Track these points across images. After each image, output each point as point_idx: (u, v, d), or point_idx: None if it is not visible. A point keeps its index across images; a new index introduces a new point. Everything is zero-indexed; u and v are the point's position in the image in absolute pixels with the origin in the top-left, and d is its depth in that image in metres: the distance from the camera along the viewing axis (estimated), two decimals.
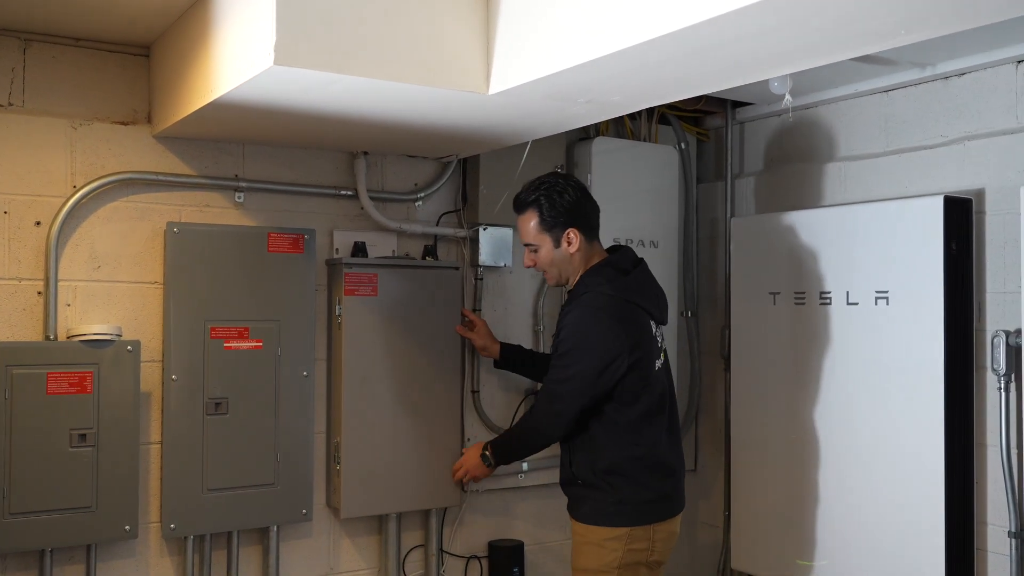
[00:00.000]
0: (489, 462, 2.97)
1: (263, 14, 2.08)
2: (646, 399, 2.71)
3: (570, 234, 2.75)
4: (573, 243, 2.76)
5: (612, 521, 2.69)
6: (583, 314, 2.68)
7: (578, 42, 2.04)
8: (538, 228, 2.77)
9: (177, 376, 2.86)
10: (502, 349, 3.24)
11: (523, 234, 2.82)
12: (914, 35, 1.87)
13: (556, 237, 2.76)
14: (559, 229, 2.76)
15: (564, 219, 2.75)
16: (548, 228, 2.76)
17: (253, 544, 3.06)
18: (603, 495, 2.70)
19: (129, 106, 2.89)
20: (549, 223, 2.76)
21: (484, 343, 3.25)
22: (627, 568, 2.69)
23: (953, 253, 2.90)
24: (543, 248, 2.78)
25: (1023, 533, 2.71)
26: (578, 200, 2.77)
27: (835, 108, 3.44)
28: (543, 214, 2.75)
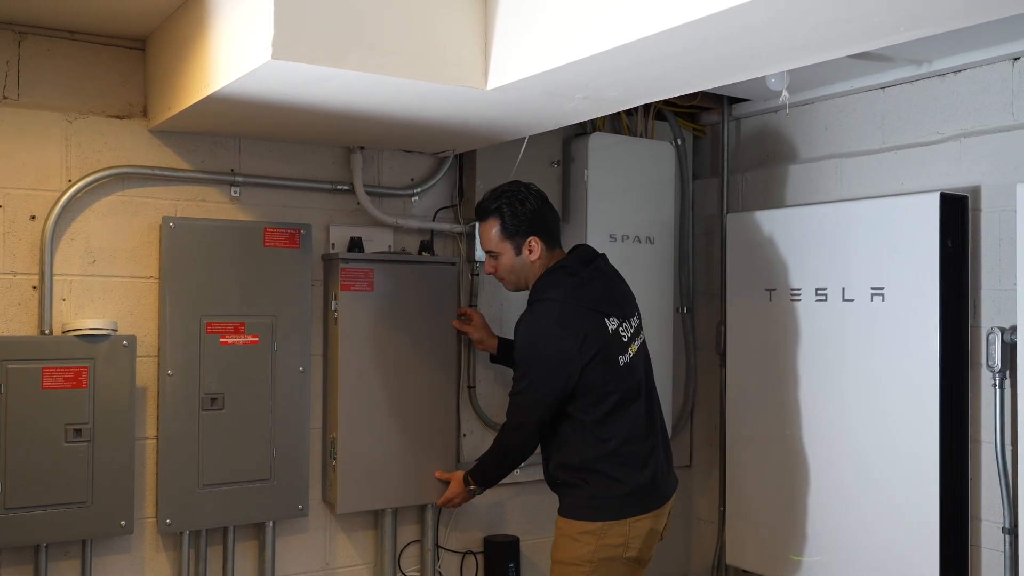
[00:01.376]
0: (472, 488, 3.04)
1: (261, 8, 2.07)
2: (614, 396, 2.72)
3: (532, 242, 2.79)
4: (534, 251, 2.79)
5: (586, 515, 2.73)
6: (531, 324, 2.74)
7: (576, 38, 2.03)
8: (500, 236, 2.80)
9: (173, 371, 2.86)
10: (500, 343, 3.24)
11: (484, 241, 2.86)
12: (913, 33, 1.87)
13: (517, 245, 2.80)
14: (520, 237, 2.79)
15: (526, 227, 2.78)
16: (510, 236, 2.79)
17: (249, 539, 3.06)
18: (578, 491, 2.75)
19: (124, 100, 2.88)
20: (511, 231, 2.79)
21: (481, 336, 3.24)
22: (603, 563, 2.70)
23: (949, 250, 2.90)
24: (504, 256, 2.82)
25: (1017, 529, 2.72)
26: (539, 209, 2.80)
27: (831, 104, 3.44)
28: (505, 222, 2.78)
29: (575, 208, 3.53)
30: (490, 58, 2.31)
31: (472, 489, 3.04)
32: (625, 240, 3.55)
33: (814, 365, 3.24)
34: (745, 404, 3.53)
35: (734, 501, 3.58)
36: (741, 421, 3.55)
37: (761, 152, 3.73)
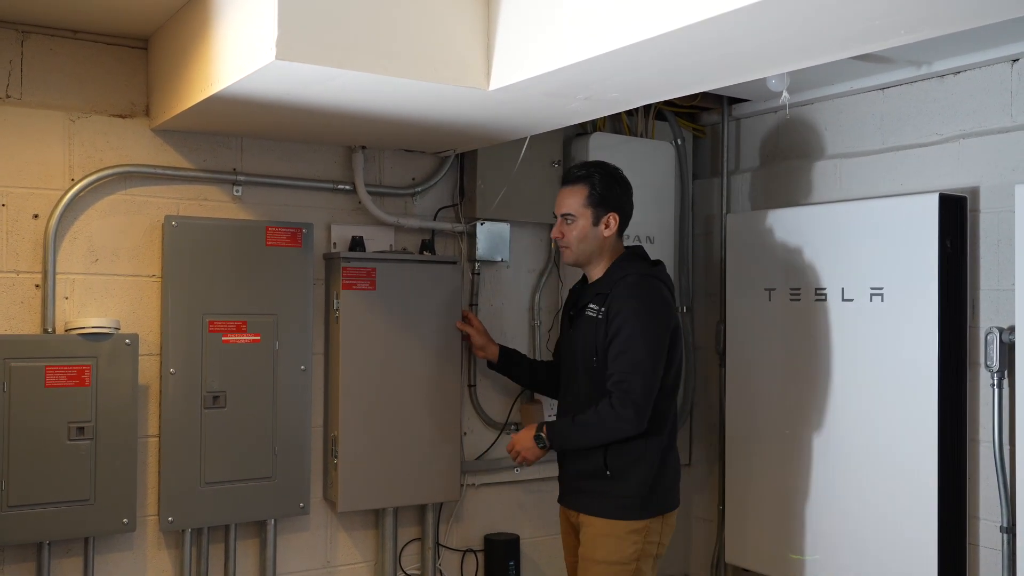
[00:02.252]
0: (544, 444, 2.80)
1: (265, 9, 2.08)
2: (672, 387, 2.79)
3: (611, 218, 2.79)
4: (611, 228, 2.80)
5: (636, 514, 2.71)
6: (644, 292, 2.71)
7: (578, 40, 2.05)
8: (584, 201, 2.79)
9: (175, 369, 2.87)
10: (501, 351, 3.24)
11: (564, 205, 2.82)
12: (913, 36, 1.88)
13: (598, 216, 2.79)
14: (603, 209, 2.79)
15: (612, 203, 2.80)
16: (594, 204, 2.79)
17: (250, 537, 3.07)
18: (629, 487, 2.71)
19: (127, 99, 2.89)
20: (596, 200, 2.79)
21: (483, 342, 3.24)
22: (644, 560, 2.72)
23: (948, 250, 2.92)
24: (581, 221, 2.79)
25: (1015, 528, 2.74)
26: (627, 193, 2.86)
27: (831, 105, 3.46)
28: (595, 189, 2.78)
29: None
30: (492, 59, 2.32)
31: (541, 439, 2.80)
32: (626, 240, 3.55)
33: (813, 365, 3.25)
34: (744, 403, 3.54)
35: (733, 500, 3.59)
36: (740, 420, 3.56)
37: (761, 152, 3.74)
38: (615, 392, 2.66)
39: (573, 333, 2.88)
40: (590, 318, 2.78)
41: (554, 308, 3.63)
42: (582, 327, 2.81)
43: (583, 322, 2.81)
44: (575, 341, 2.85)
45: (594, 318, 2.77)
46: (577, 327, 2.85)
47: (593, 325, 2.76)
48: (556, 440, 2.79)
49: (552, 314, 3.62)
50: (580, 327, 2.83)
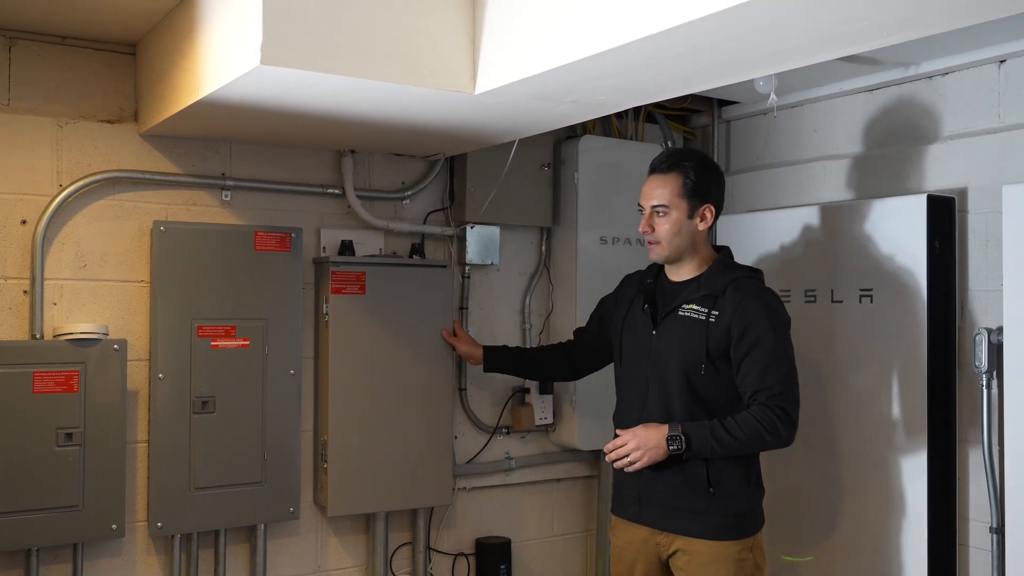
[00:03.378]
0: (680, 446, 2.44)
1: (249, 14, 2.08)
2: None
3: (707, 211, 2.57)
4: (707, 221, 2.58)
5: (746, 531, 2.53)
6: (768, 296, 2.54)
7: (563, 42, 2.05)
8: (679, 192, 2.55)
9: (164, 375, 2.86)
10: (485, 352, 3.13)
11: (654, 195, 2.57)
12: (900, 36, 1.88)
13: (693, 208, 2.56)
14: (698, 201, 2.56)
15: (708, 194, 2.57)
16: (688, 195, 2.55)
17: (240, 542, 3.06)
18: (737, 503, 2.52)
19: (115, 104, 2.89)
20: (691, 191, 2.55)
21: (467, 349, 3.17)
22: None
23: (936, 251, 2.92)
24: (675, 213, 2.54)
25: (1004, 529, 2.74)
26: (722, 184, 2.64)
27: (820, 107, 3.46)
28: (688, 178, 2.55)
29: (566, 211, 3.54)
30: (478, 62, 2.32)
31: (677, 439, 2.45)
32: (616, 242, 3.56)
33: (803, 366, 3.23)
34: None
35: None
36: None
37: (751, 154, 3.74)
38: (775, 406, 2.43)
39: (661, 334, 2.58)
40: (693, 320, 2.52)
41: (544, 311, 3.62)
42: (677, 329, 2.55)
43: (678, 324, 2.55)
44: (664, 343, 2.57)
45: (699, 320, 2.51)
46: (669, 329, 2.57)
47: (698, 328, 2.51)
48: (696, 444, 2.44)
49: (543, 317, 3.62)
50: (674, 329, 2.56)
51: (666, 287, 2.66)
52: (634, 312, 2.69)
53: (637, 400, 2.62)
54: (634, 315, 2.69)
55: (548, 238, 3.62)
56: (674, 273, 2.65)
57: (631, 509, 2.63)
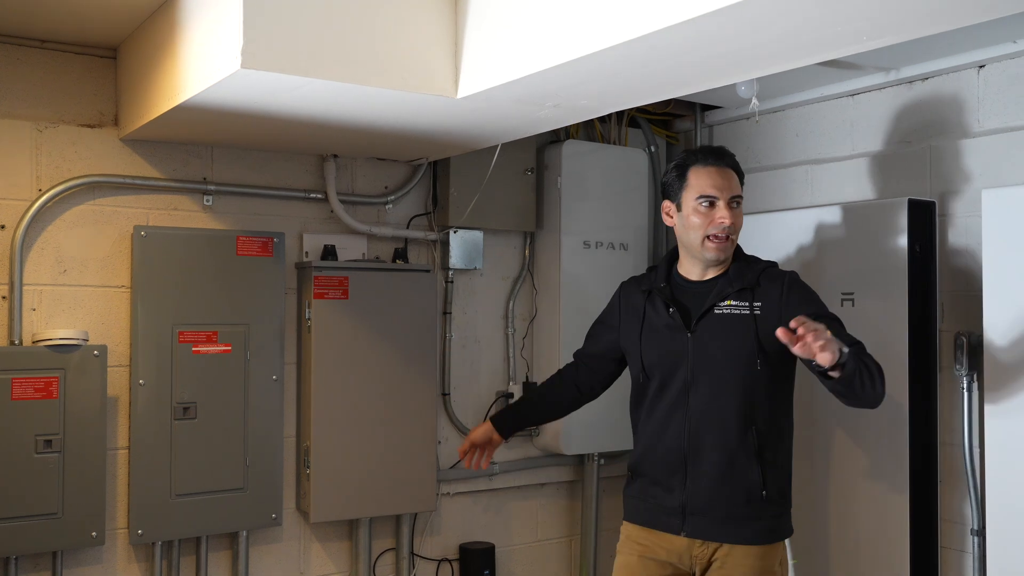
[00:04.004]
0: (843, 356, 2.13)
1: (230, 17, 2.07)
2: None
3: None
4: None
5: (786, 531, 2.44)
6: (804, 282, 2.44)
7: (545, 47, 2.05)
8: (741, 185, 2.44)
9: (145, 381, 2.84)
10: (495, 424, 2.69)
11: (734, 186, 2.41)
12: (876, 42, 1.90)
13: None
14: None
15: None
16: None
17: (223, 549, 3.04)
18: (783, 503, 2.42)
19: (95, 108, 2.87)
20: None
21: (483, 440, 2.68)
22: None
23: (917, 255, 2.93)
24: (741, 207, 2.44)
25: (985, 531, 2.75)
26: None
27: (802, 111, 3.48)
28: (741, 177, 2.46)
29: (549, 215, 3.54)
30: (460, 67, 2.32)
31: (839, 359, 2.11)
32: (599, 247, 3.57)
33: None
34: None
35: None
36: None
37: None
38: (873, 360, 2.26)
39: (700, 336, 2.38)
40: (735, 316, 2.36)
41: (528, 315, 3.62)
42: (718, 328, 2.37)
43: (719, 322, 2.37)
44: (705, 345, 2.38)
45: (743, 315, 2.35)
46: (708, 329, 2.38)
47: (744, 323, 2.35)
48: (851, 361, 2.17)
49: (526, 322, 3.62)
50: (715, 329, 2.38)
51: (687, 288, 2.46)
52: (653, 320, 2.47)
53: (677, 409, 2.40)
54: (654, 323, 2.46)
55: (531, 243, 3.62)
56: (697, 272, 2.45)
57: (672, 521, 2.40)
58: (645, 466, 2.48)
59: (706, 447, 2.37)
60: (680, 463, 2.39)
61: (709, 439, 2.36)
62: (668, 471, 2.41)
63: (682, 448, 2.38)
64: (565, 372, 2.75)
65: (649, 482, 2.46)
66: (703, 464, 2.37)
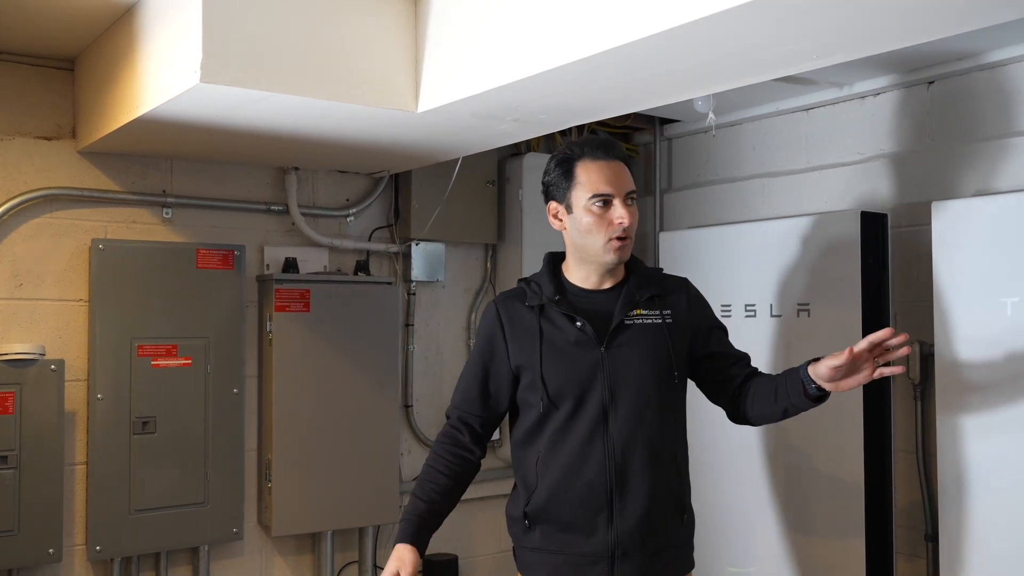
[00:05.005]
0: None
1: (189, 31, 2.08)
2: None
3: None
4: None
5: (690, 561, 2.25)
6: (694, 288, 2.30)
7: (503, 63, 2.08)
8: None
9: (103, 395, 2.82)
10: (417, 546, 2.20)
11: (629, 180, 2.11)
12: (824, 61, 1.95)
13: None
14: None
15: None
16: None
17: (183, 564, 3.02)
18: (692, 524, 2.23)
19: (53, 121, 2.85)
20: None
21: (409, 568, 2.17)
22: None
23: (870, 266, 2.99)
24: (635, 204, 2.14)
25: (937, 536, 2.81)
26: None
27: (759, 125, 3.54)
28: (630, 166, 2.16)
29: (511, 227, 3.57)
30: (421, 81, 2.34)
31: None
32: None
33: None
34: None
35: None
36: None
37: (692, 171, 3.81)
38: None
39: (616, 351, 2.11)
40: (650, 326, 2.14)
41: None
42: (635, 341, 2.13)
43: (633, 335, 2.13)
44: (624, 360, 2.12)
45: (656, 324, 2.14)
46: (625, 342, 2.12)
47: (659, 333, 2.14)
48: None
49: None
50: (631, 341, 2.13)
51: (586, 297, 2.16)
52: (555, 338, 2.12)
53: (594, 439, 2.10)
54: (556, 341, 2.12)
55: (493, 255, 3.64)
56: (592, 280, 2.16)
57: (595, 571, 2.08)
58: (553, 511, 2.10)
59: (634, 476, 2.07)
60: (604, 500, 2.06)
61: (636, 466, 2.07)
62: (589, 512, 2.06)
63: (606, 482, 2.06)
64: (456, 449, 2.23)
65: (558, 529, 2.09)
66: (631, 496, 2.07)
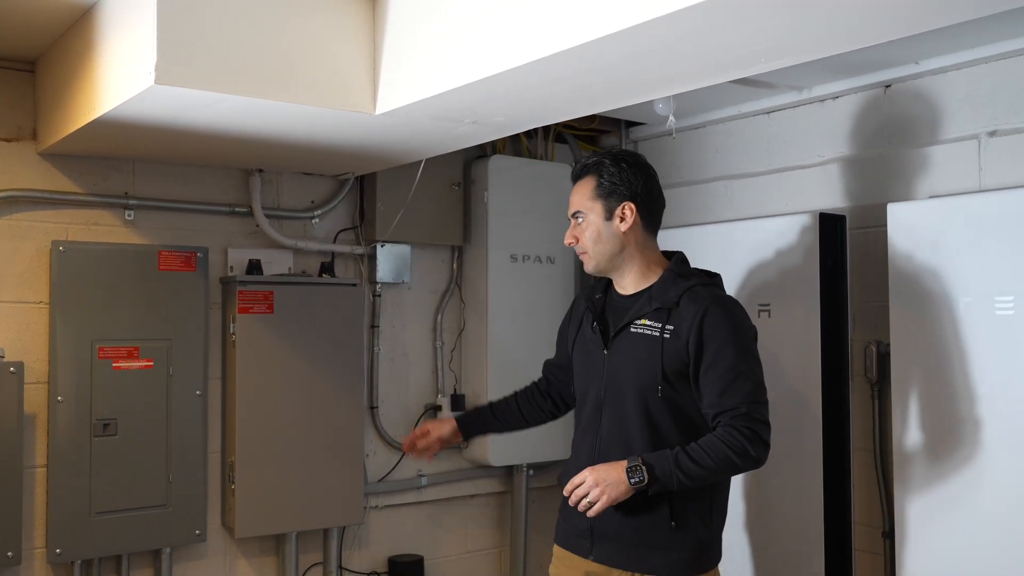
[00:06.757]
0: (641, 480, 2.14)
1: (144, 33, 2.08)
2: None
3: (626, 209, 2.28)
4: (627, 220, 2.28)
5: (709, 564, 2.28)
6: (730, 309, 2.26)
7: (461, 64, 2.09)
8: (590, 194, 2.30)
9: (64, 397, 2.81)
10: (459, 423, 2.61)
11: (571, 203, 2.34)
12: (774, 63, 1.98)
13: (610, 208, 2.29)
14: (615, 200, 2.29)
15: (625, 190, 2.29)
16: (604, 195, 2.29)
17: (145, 567, 3.01)
18: (699, 535, 2.26)
19: (13, 123, 2.84)
20: (607, 189, 2.29)
21: (441, 434, 2.59)
22: None
23: (829, 266, 3.04)
24: (591, 217, 2.29)
25: (894, 533, 2.85)
26: (646, 178, 2.33)
27: (722, 128, 3.58)
28: (603, 177, 2.29)
29: (476, 229, 3.58)
30: (379, 83, 2.35)
31: (638, 471, 2.14)
32: (526, 260, 3.62)
33: None
34: None
35: None
36: None
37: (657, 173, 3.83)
38: (742, 426, 2.16)
39: (613, 354, 2.30)
40: (646, 336, 2.25)
41: (456, 328, 3.65)
42: (629, 348, 2.28)
43: (631, 341, 2.28)
44: (617, 363, 2.30)
45: (654, 336, 2.24)
46: (621, 347, 2.29)
47: (653, 345, 2.24)
48: (660, 475, 2.14)
49: (454, 334, 3.65)
50: (626, 348, 2.28)
51: (616, 302, 2.37)
52: (585, 331, 2.40)
53: (591, 427, 2.33)
54: (585, 334, 2.40)
55: (459, 256, 3.66)
56: (621, 286, 2.36)
57: (582, 544, 2.31)
58: (565, 480, 2.31)
59: None
60: None
61: (615, 460, 2.19)
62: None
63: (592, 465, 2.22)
64: (540, 384, 2.63)
65: (565, 502, 2.30)
66: None
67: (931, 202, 2.84)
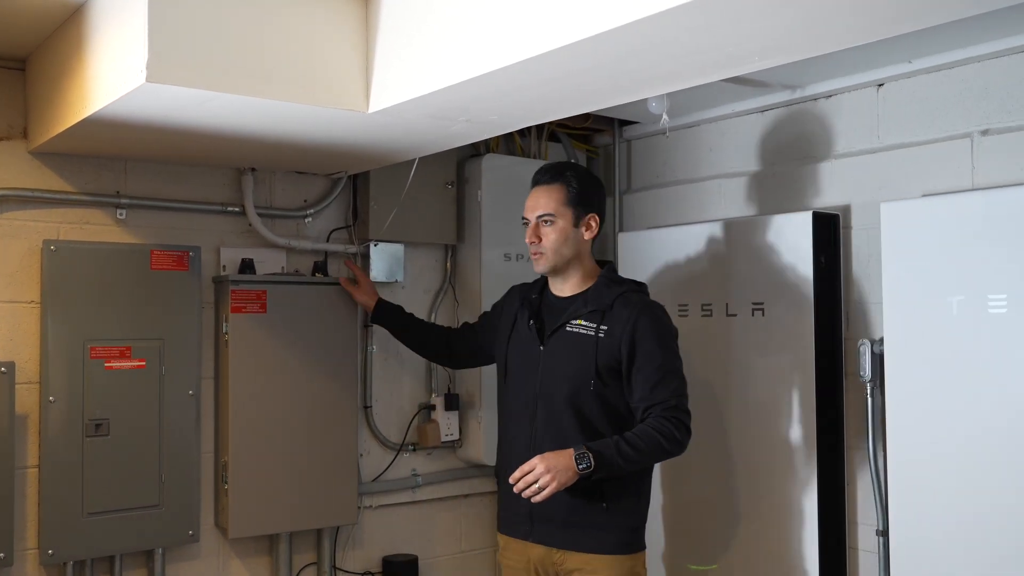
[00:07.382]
0: (588, 466, 2.36)
1: (135, 31, 2.07)
2: None
3: (592, 220, 2.60)
4: (592, 230, 2.60)
5: (638, 546, 2.55)
6: (658, 310, 2.58)
7: (454, 62, 2.09)
8: (564, 200, 2.57)
9: (55, 398, 2.79)
10: (378, 304, 3.11)
11: (540, 205, 2.59)
12: (765, 62, 1.98)
13: (578, 217, 2.58)
14: (583, 210, 2.59)
15: (593, 203, 2.61)
16: (574, 204, 2.57)
17: (138, 568, 3.00)
18: (629, 518, 2.53)
19: (3, 121, 2.82)
20: (576, 199, 2.57)
21: (364, 299, 3.14)
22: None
23: (822, 266, 3.04)
24: (561, 222, 2.56)
25: (888, 532, 2.85)
26: (604, 197, 2.71)
27: (715, 127, 3.57)
28: (572, 188, 2.58)
29: (470, 228, 3.58)
30: (372, 81, 2.34)
31: (585, 458, 2.36)
32: (520, 259, 3.61)
33: (699, 377, 3.33)
34: None
35: None
36: None
37: (651, 172, 3.84)
38: (670, 417, 2.44)
39: (549, 351, 2.57)
40: (581, 335, 2.53)
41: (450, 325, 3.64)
42: (565, 345, 2.55)
43: (567, 340, 2.55)
44: (553, 360, 2.56)
45: (589, 336, 2.52)
46: (557, 345, 2.57)
47: (588, 343, 2.51)
48: (604, 463, 2.37)
49: None
50: (562, 345, 2.56)
51: (551, 303, 2.65)
52: (520, 328, 2.67)
53: (525, 419, 2.58)
54: (520, 331, 2.67)
55: (453, 255, 3.65)
56: (559, 288, 2.65)
57: (521, 527, 2.57)
58: (503, 471, 2.60)
59: None
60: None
61: (549, 450, 2.42)
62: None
63: (529, 456, 2.44)
64: (451, 332, 3.07)
65: (507, 487, 2.49)
66: None
67: (924, 201, 2.84)
